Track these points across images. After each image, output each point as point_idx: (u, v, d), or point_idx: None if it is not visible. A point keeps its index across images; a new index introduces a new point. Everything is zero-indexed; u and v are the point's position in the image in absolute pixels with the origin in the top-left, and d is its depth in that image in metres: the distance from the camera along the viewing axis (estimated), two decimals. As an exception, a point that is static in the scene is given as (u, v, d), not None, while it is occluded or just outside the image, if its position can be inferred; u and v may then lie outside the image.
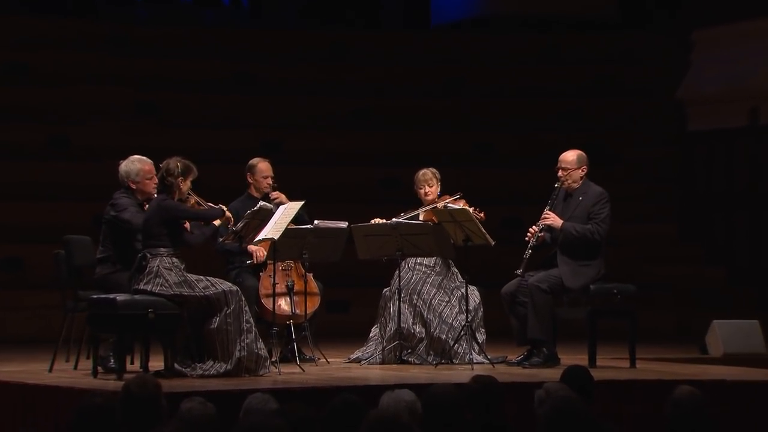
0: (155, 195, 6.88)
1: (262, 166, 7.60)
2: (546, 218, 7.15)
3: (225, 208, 6.76)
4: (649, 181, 11.82)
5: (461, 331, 7.25)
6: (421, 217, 7.60)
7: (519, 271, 7.08)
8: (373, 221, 7.52)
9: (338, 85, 12.00)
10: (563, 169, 7.23)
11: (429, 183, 7.60)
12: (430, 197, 7.62)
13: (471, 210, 7.25)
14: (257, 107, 11.72)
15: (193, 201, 6.66)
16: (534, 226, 7.18)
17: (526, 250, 7.11)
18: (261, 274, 7.41)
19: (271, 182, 7.57)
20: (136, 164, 6.95)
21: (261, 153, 8.11)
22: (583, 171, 7.23)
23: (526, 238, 7.16)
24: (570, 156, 7.26)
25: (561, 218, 7.16)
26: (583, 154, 7.28)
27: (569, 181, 7.22)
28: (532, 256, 7.19)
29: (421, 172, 7.64)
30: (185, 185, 6.56)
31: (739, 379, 6.71)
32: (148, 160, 6.97)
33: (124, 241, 6.90)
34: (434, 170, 7.63)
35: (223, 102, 11.67)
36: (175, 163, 6.53)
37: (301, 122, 11.74)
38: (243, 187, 7.72)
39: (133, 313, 6.40)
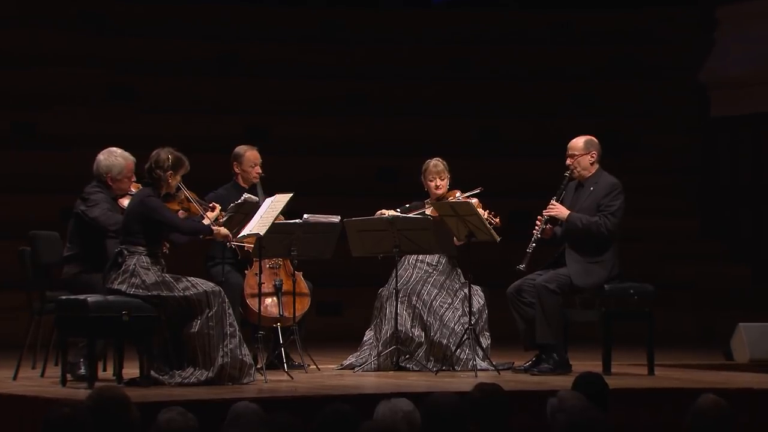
0: (132, 191, 6.86)
1: (250, 154, 7.59)
2: (551, 208, 7.16)
3: (215, 227, 6.61)
4: (668, 172, 11.82)
5: (464, 335, 7.25)
6: (428, 212, 7.57)
7: (522, 266, 7.07)
8: (379, 213, 7.49)
9: (331, 67, 11.99)
10: (571, 156, 7.24)
11: (441, 175, 7.58)
12: (441, 191, 7.59)
13: (485, 214, 7.21)
14: (242, 91, 11.71)
15: (183, 196, 6.62)
16: (540, 217, 7.18)
17: (530, 243, 7.10)
18: (246, 272, 7.40)
19: (260, 171, 7.56)
20: (119, 160, 6.92)
21: (246, 140, 8.10)
22: (592, 157, 7.23)
23: (534, 231, 7.16)
24: (578, 141, 7.27)
25: (571, 210, 7.16)
26: (594, 139, 7.28)
27: (578, 169, 7.22)
28: (539, 252, 7.19)
29: (432, 162, 7.61)
30: (174, 180, 6.52)
31: (766, 387, 6.70)
32: (131, 157, 6.95)
33: (93, 238, 6.88)
34: (444, 161, 7.60)
35: (206, 85, 11.66)
36: (166, 155, 6.49)
37: (290, 107, 11.73)
38: (227, 177, 7.70)
39: (105, 315, 6.38)
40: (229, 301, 6.58)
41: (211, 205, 6.81)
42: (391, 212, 7.49)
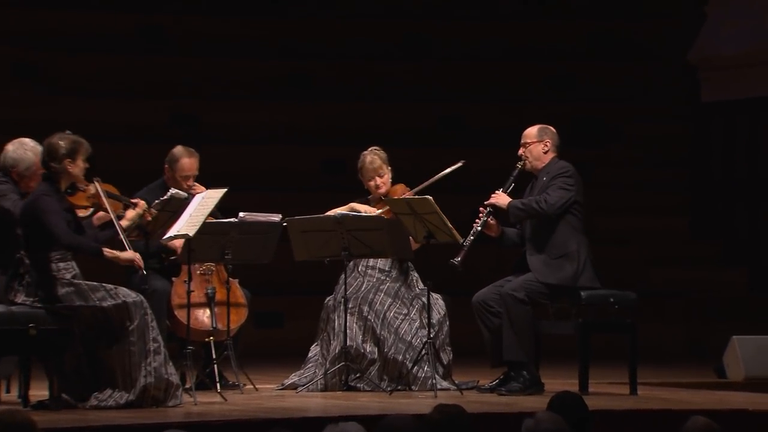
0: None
1: (186, 163, 7.51)
2: (493, 197, 7.25)
3: (109, 253, 6.43)
4: (655, 164, 11.94)
5: (422, 350, 7.29)
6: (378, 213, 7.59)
7: (456, 260, 7.13)
8: (345, 209, 7.50)
9: (270, 44, 11.99)
10: (523, 144, 7.36)
11: (379, 172, 7.60)
12: (382, 190, 7.61)
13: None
14: (167, 70, 11.67)
15: (93, 190, 6.55)
16: (482, 208, 7.27)
17: (468, 236, 7.17)
18: (173, 279, 7.40)
19: (192, 183, 7.50)
20: (29, 155, 6.86)
21: (172, 128, 8.10)
22: (545, 146, 7.34)
23: (474, 223, 7.24)
24: (532, 129, 7.40)
25: None
26: (550, 128, 7.40)
27: (530, 159, 7.33)
28: (507, 257, 7.24)
29: (368, 159, 7.62)
30: (76, 167, 6.48)
31: (763, 408, 6.80)
32: None
33: (2, 235, 6.83)
34: (382, 153, 7.62)
35: (125, 64, 11.61)
36: (57, 143, 6.44)
37: (222, 90, 11.71)
38: (149, 171, 7.69)
39: (8, 328, 6.35)
40: (154, 312, 6.57)
41: (133, 201, 6.77)
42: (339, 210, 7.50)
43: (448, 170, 7.50)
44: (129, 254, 6.53)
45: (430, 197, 7.28)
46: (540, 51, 12.27)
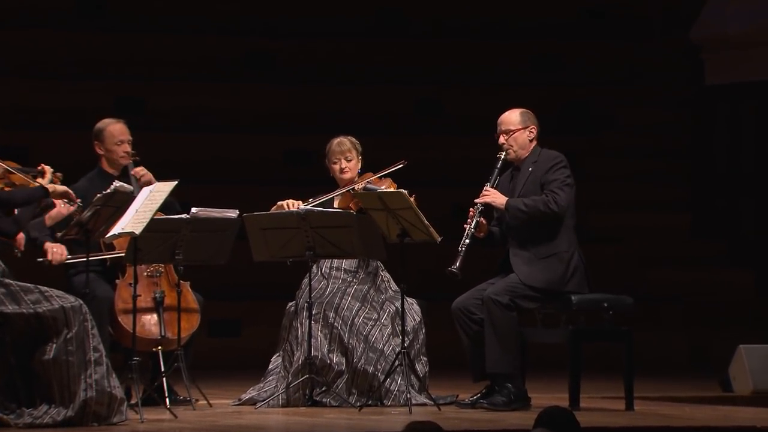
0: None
1: (114, 128, 7.59)
2: (485, 195, 7.26)
3: (50, 186, 6.63)
4: (652, 155, 11.98)
5: (395, 361, 7.29)
6: (335, 204, 7.62)
7: (454, 268, 7.15)
8: (280, 204, 7.51)
9: (226, 20, 11.96)
10: (505, 132, 7.35)
11: (347, 156, 7.64)
12: (348, 175, 7.65)
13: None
14: (109, 49, 11.63)
15: (1, 171, 6.58)
16: (472, 208, 7.27)
17: (463, 240, 7.18)
18: (117, 282, 7.39)
19: (129, 149, 7.55)
20: None
21: (116, 113, 8.07)
22: (531, 133, 7.36)
23: (465, 225, 7.25)
24: (512, 115, 7.40)
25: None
26: (530, 112, 7.40)
27: (514, 148, 7.35)
28: (489, 257, 7.24)
29: (336, 141, 7.69)
30: None
31: (773, 424, 6.85)
32: None
33: None
34: (354, 140, 7.67)
35: (62, 42, 11.56)
36: None
37: (172, 71, 11.67)
38: (91, 161, 7.67)
39: (-68, 338, 6.33)
40: (95, 318, 6.55)
41: (38, 168, 6.81)
42: (300, 205, 7.50)
43: (388, 171, 7.51)
44: (62, 187, 6.78)
45: (404, 191, 7.28)
46: (526, 28, 12.29)
